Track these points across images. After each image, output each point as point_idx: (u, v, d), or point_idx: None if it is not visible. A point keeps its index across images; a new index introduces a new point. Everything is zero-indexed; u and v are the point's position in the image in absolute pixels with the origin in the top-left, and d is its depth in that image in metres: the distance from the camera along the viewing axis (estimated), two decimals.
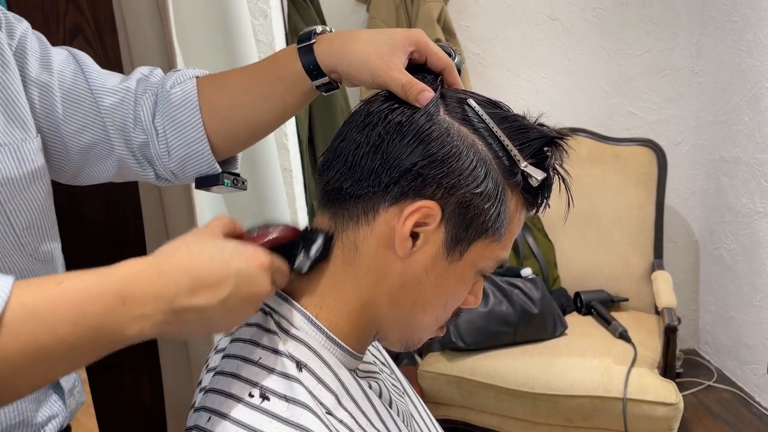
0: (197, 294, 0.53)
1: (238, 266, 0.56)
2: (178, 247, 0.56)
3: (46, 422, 0.77)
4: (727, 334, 2.61)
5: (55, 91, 0.75)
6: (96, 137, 0.77)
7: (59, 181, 0.82)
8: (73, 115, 0.76)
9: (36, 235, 0.73)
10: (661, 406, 1.77)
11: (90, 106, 0.77)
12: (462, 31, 2.46)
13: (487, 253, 0.63)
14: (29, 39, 0.75)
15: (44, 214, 0.74)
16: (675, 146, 2.64)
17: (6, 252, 0.70)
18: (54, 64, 0.75)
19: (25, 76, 0.73)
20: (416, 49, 0.67)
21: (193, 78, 0.79)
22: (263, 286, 0.58)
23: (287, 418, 0.56)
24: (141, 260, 0.53)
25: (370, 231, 0.61)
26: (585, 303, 2.19)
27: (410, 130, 0.60)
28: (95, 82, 0.77)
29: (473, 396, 1.95)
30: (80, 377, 0.87)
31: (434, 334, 0.69)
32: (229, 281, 0.55)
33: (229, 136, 0.78)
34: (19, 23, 0.75)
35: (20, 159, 0.70)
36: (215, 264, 0.55)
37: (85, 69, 0.77)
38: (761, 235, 2.34)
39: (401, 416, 0.70)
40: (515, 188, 0.62)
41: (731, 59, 2.42)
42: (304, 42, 0.71)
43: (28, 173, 0.70)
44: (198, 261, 0.54)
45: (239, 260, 0.56)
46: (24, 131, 0.71)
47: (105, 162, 0.79)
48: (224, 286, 0.55)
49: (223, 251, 0.56)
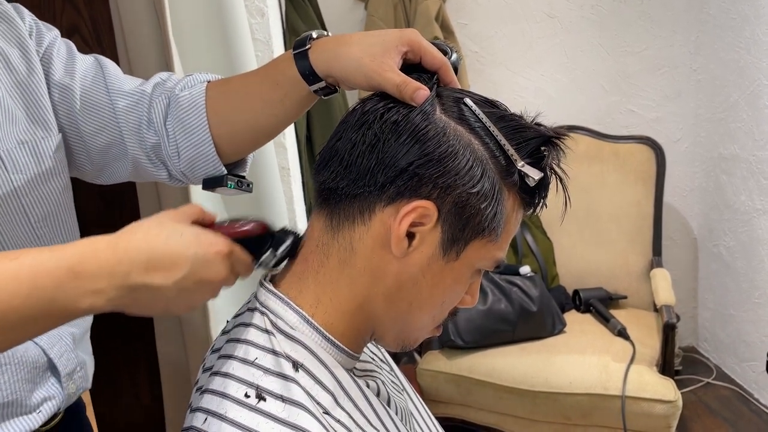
0: (151, 273, 0.56)
1: (195, 251, 0.58)
2: (139, 227, 0.58)
3: (41, 404, 0.78)
4: (725, 332, 2.61)
5: (75, 94, 0.79)
6: (112, 138, 0.81)
7: (84, 180, 0.87)
8: (90, 116, 0.80)
9: (52, 227, 0.78)
10: (660, 404, 1.77)
11: (106, 107, 0.81)
12: (460, 29, 2.45)
13: (483, 253, 0.63)
14: (57, 45, 0.81)
15: (61, 207, 0.79)
16: (673, 144, 2.64)
17: (20, 242, 0.74)
18: (78, 69, 0.81)
19: (49, 79, 0.79)
20: (410, 49, 0.67)
21: (203, 82, 0.81)
22: (219, 272, 0.59)
23: (284, 418, 0.56)
24: (99, 238, 0.56)
25: (366, 231, 0.61)
26: (584, 301, 2.19)
27: (406, 129, 0.60)
28: (113, 85, 0.81)
29: (472, 394, 1.96)
30: (85, 362, 0.87)
31: (431, 333, 0.69)
32: (184, 264, 0.57)
33: (233, 139, 0.80)
34: (48, 31, 0.81)
35: (39, 155, 0.75)
36: (171, 246, 0.57)
37: (106, 73, 0.82)
38: (760, 233, 2.34)
39: (400, 414, 0.70)
40: (512, 188, 0.62)
41: (730, 56, 2.42)
42: (300, 48, 0.71)
43: (46, 169, 0.76)
44: (155, 241, 0.57)
45: (197, 244, 0.58)
46: (45, 130, 0.77)
47: (122, 162, 0.83)
48: (179, 267, 0.57)
49: (182, 235, 0.58)
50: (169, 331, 1.57)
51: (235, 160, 0.84)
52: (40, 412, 0.78)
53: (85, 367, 0.87)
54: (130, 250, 0.55)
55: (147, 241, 0.56)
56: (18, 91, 0.76)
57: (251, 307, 0.66)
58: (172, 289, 0.57)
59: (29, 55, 0.77)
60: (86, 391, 0.89)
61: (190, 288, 0.58)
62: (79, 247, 0.55)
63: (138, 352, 1.69)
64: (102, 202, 1.59)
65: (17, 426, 0.75)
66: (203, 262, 0.58)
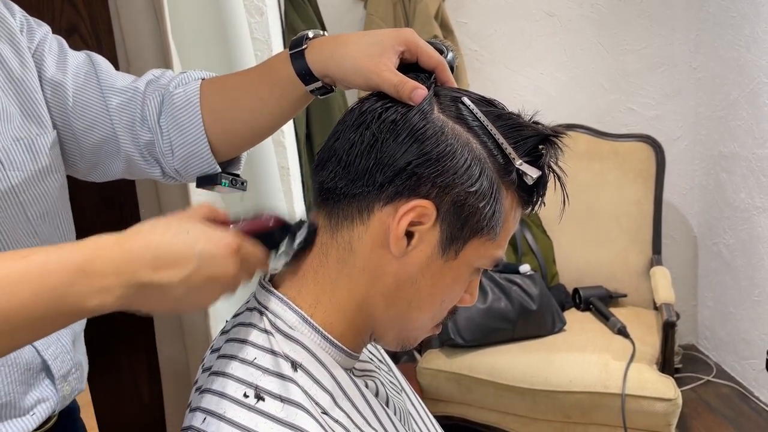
0: (158, 271, 0.55)
1: (203, 247, 0.57)
2: (146, 226, 0.57)
3: (34, 405, 0.78)
4: (725, 330, 2.61)
5: (68, 90, 0.79)
6: (105, 135, 0.81)
7: (77, 177, 0.86)
8: (83, 112, 0.80)
9: (50, 224, 0.78)
10: (660, 402, 1.77)
11: (99, 104, 0.80)
12: (459, 27, 2.45)
13: (482, 251, 0.63)
14: (48, 42, 0.80)
15: (58, 204, 0.79)
16: (673, 142, 2.64)
17: (19, 239, 0.74)
18: (70, 65, 0.80)
19: (42, 75, 0.78)
20: (407, 49, 0.67)
21: (198, 80, 0.81)
22: (228, 268, 0.58)
23: (282, 418, 0.56)
24: (107, 236, 0.55)
25: (364, 230, 0.61)
26: (583, 299, 2.19)
27: (404, 128, 0.60)
28: (105, 82, 0.81)
29: (472, 392, 1.96)
30: (81, 364, 0.87)
31: (430, 332, 0.69)
32: (191, 260, 0.56)
33: (228, 137, 0.80)
34: (39, 27, 0.80)
35: (35, 153, 0.75)
36: (178, 242, 0.56)
37: (98, 70, 0.81)
38: (760, 231, 2.34)
39: (398, 414, 0.70)
40: (510, 186, 0.62)
41: (729, 54, 2.42)
42: (296, 47, 0.71)
43: (42, 166, 0.76)
44: (161, 239, 0.56)
45: (204, 241, 0.57)
46: (39, 127, 0.76)
47: (114, 159, 0.83)
48: (186, 264, 0.56)
49: (189, 232, 0.57)
50: (170, 331, 1.58)
51: (230, 158, 0.84)
52: (34, 415, 0.77)
53: (81, 368, 0.87)
54: (137, 248, 0.55)
55: (154, 239, 0.56)
56: (11, 88, 0.75)
57: (250, 307, 0.66)
58: (180, 286, 0.56)
59: (21, 51, 0.76)
60: (81, 393, 0.89)
61: (199, 285, 0.57)
62: (88, 245, 0.54)
63: (138, 352, 1.69)
64: (101, 202, 1.59)
65: (11, 428, 0.75)
66: (210, 258, 0.57)
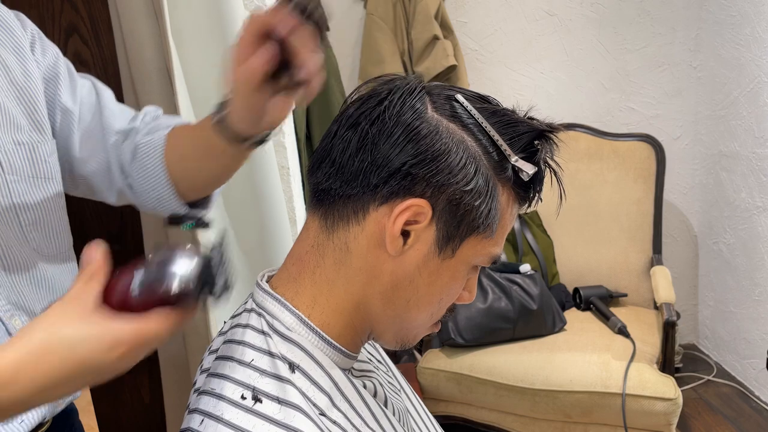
0: (46, 393, 0.53)
1: (94, 359, 0.54)
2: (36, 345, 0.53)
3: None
4: (726, 329, 2.61)
5: (74, 118, 0.83)
6: (98, 167, 0.86)
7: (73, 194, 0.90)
8: (84, 144, 0.84)
9: (42, 232, 0.79)
10: (660, 401, 1.77)
11: (99, 140, 0.85)
12: (459, 27, 2.45)
13: (479, 249, 0.63)
14: (61, 64, 0.84)
15: (52, 213, 0.80)
16: (674, 141, 2.64)
17: (10, 243, 0.75)
18: (78, 94, 0.84)
19: (56, 99, 0.82)
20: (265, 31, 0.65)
21: (168, 128, 0.86)
22: (134, 359, 0.56)
23: (279, 420, 0.56)
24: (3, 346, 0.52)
25: (360, 231, 0.61)
26: (584, 299, 2.19)
27: (398, 128, 0.59)
28: (107, 121, 0.86)
29: (473, 392, 1.96)
30: None
31: (429, 330, 0.69)
32: (82, 374, 0.54)
33: (187, 184, 0.85)
34: (51, 46, 0.84)
35: (35, 158, 0.77)
36: (66, 366, 0.53)
37: (102, 105, 0.86)
38: (760, 230, 2.34)
39: (396, 414, 0.70)
40: (506, 183, 0.62)
41: (729, 54, 2.41)
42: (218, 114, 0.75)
43: (40, 173, 0.78)
44: (46, 366, 0.52)
45: (96, 354, 0.54)
46: (41, 134, 0.79)
47: (108, 191, 0.88)
48: (81, 375, 0.54)
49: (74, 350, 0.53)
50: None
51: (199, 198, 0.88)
52: (22, 422, 0.76)
53: None
54: (23, 378, 0.51)
55: (37, 367, 0.52)
56: (15, 94, 0.77)
57: (248, 308, 0.66)
58: (87, 382, 0.55)
59: (26, 61, 0.79)
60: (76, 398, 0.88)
61: (109, 369, 0.55)
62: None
63: None
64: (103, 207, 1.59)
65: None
66: (98, 369, 0.54)
